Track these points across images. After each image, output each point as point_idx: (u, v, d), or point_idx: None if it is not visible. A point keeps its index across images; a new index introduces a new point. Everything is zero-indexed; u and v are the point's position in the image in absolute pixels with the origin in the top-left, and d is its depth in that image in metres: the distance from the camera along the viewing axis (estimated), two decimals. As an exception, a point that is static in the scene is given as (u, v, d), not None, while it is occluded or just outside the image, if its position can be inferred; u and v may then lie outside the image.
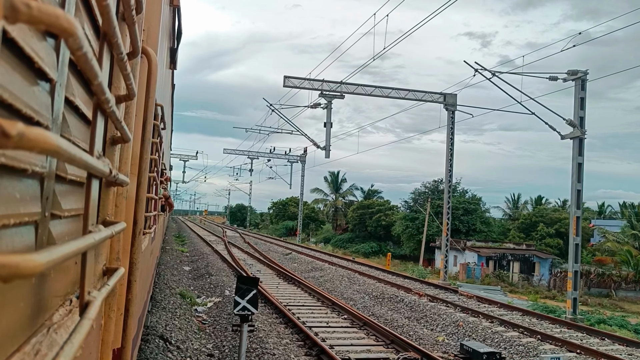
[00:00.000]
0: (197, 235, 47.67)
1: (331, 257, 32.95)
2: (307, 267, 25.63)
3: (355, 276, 22.26)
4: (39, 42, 0.85)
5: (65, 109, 1.08)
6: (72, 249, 0.79)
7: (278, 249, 37.71)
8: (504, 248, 45.84)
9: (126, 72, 1.39)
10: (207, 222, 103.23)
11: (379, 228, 61.00)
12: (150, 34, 2.85)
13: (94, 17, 1.31)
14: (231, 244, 36.47)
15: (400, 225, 56.14)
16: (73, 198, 1.30)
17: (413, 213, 55.13)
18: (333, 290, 18.65)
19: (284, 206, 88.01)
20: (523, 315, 16.59)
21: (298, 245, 44.54)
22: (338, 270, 24.26)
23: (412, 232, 53.86)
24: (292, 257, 31.09)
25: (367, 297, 17.94)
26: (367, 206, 63.95)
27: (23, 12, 0.50)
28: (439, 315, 15.20)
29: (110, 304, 1.80)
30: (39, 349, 0.90)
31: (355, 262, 31.29)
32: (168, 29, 5.23)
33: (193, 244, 35.88)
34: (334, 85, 26.70)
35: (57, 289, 1.14)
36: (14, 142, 0.48)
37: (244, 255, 29.91)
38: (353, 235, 64.68)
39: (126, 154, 1.91)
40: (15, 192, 0.78)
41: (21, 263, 0.51)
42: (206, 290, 17.04)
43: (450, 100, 26.52)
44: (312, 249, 42.24)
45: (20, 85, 0.75)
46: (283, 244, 43.66)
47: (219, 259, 25.98)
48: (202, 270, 21.37)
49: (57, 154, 0.62)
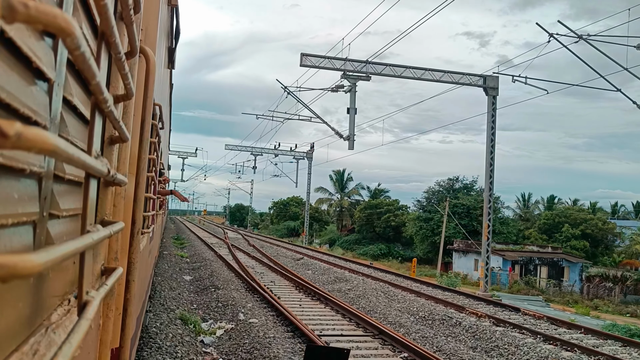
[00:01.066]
0: (197, 237, 43.79)
1: (348, 263, 29.34)
2: (328, 277, 21.69)
3: (391, 290, 18.46)
4: (37, 41, 0.85)
5: (63, 109, 1.08)
6: (70, 248, 0.79)
7: (287, 252, 34.03)
8: (530, 251, 42.64)
9: (124, 72, 1.39)
10: (206, 222, 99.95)
11: (387, 229, 58.29)
12: (148, 34, 2.84)
13: (92, 17, 1.31)
14: (235, 247, 32.82)
15: (413, 226, 53.46)
16: (71, 198, 1.30)
17: (427, 213, 52.15)
18: (373, 311, 14.53)
19: (285, 206, 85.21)
20: (625, 345, 12.78)
21: (306, 248, 41.43)
22: (367, 281, 20.35)
23: (426, 234, 50.91)
24: (305, 262, 27.50)
25: (412, 317, 14.23)
26: (375, 206, 61.03)
27: (21, 11, 0.50)
28: (516, 346, 11.63)
29: (109, 303, 1.80)
30: (38, 348, 0.90)
31: (372, 267, 28.19)
32: (166, 29, 5.22)
33: (193, 248, 32.47)
34: (358, 65, 23.10)
35: (55, 288, 1.14)
36: (12, 142, 0.48)
37: (252, 261, 26.34)
38: (360, 236, 62.03)
39: (124, 153, 1.91)
40: (14, 192, 0.78)
41: (19, 263, 0.51)
42: (213, 310, 13.46)
43: (491, 83, 23.07)
44: (323, 252, 39.07)
45: (18, 85, 0.75)
46: (290, 247, 40.20)
47: (224, 266, 22.59)
48: (205, 281, 18.14)
49: (55, 153, 0.62)
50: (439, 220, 48.07)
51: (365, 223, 60.85)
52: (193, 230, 56.73)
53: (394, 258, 52.71)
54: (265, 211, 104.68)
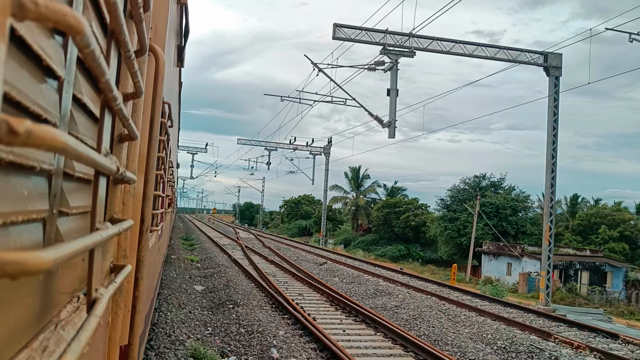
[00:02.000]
0: (208, 238, 40.66)
1: (378, 269, 26.02)
2: (365, 289, 18.06)
3: (449, 308, 15.28)
4: (47, 39, 0.86)
5: (73, 107, 1.09)
6: (79, 246, 0.79)
7: (307, 256, 30.60)
8: (569, 255, 39.16)
9: (133, 70, 1.39)
10: (216, 221, 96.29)
11: (407, 229, 55.05)
12: (157, 32, 2.85)
13: (101, 15, 1.31)
14: (250, 250, 29.91)
15: (437, 226, 50.02)
16: (81, 195, 1.31)
17: (452, 213, 48.36)
18: (441, 341, 11.36)
19: (296, 204, 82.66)
20: None
21: (324, 250, 38.20)
22: (414, 295, 17.07)
23: (451, 235, 47.18)
24: (330, 268, 24.41)
25: (490, 349, 11.08)
26: (394, 205, 57.83)
27: (31, 9, 0.50)
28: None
29: (118, 301, 1.81)
30: (47, 345, 0.91)
31: (403, 273, 25.24)
32: (175, 27, 5.24)
33: (205, 250, 29.17)
34: (400, 39, 20.05)
35: (64, 285, 1.15)
36: (22, 139, 0.48)
37: (271, 266, 23.18)
38: (377, 236, 58.91)
39: (133, 151, 1.91)
40: (24, 189, 0.78)
41: (29, 260, 0.52)
42: (233, 337, 10.32)
43: (553, 62, 20.22)
44: (345, 255, 35.81)
45: (28, 83, 0.75)
46: (308, 249, 36.94)
47: (241, 273, 19.55)
48: (221, 294, 14.91)
49: (64, 151, 0.62)
50: (466, 221, 44.90)
51: (382, 223, 57.92)
52: (203, 230, 53.56)
53: (414, 260, 50.19)
54: (275, 210, 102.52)
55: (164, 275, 15.43)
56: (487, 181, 51.65)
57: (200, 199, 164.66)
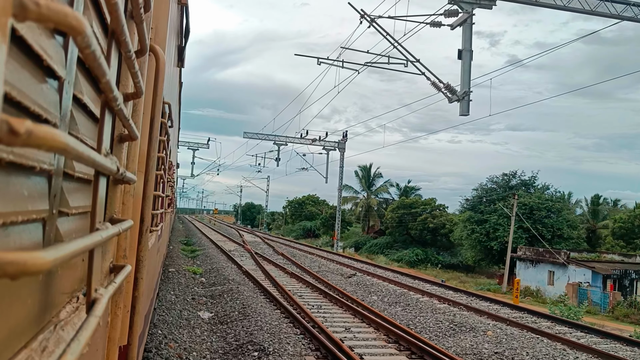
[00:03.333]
0: (211, 242, 35.92)
1: (419, 282, 21.37)
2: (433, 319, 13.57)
3: (562, 350, 11.15)
4: (48, 40, 0.86)
5: (73, 107, 1.09)
6: (79, 246, 0.79)
7: (329, 265, 25.98)
8: (622, 263, 34.48)
9: (134, 70, 1.39)
10: (217, 222, 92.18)
11: (424, 231, 50.79)
12: (158, 32, 2.85)
13: (102, 15, 1.31)
14: (260, 257, 26.16)
15: (462, 229, 45.47)
16: (81, 195, 1.31)
17: (479, 214, 43.85)
18: None
19: (300, 205, 78.30)
20: None
21: (343, 256, 33.52)
22: (509, 332, 12.34)
23: (479, 238, 42.56)
24: (362, 282, 19.97)
25: None
26: (410, 205, 53.64)
27: (32, 10, 0.50)
28: None
29: (117, 301, 1.81)
30: (46, 345, 0.91)
31: (447, 286, 21.02)
32: (176, 27, 5.24)
33: (208, 258, 24.96)
34: None
35: (64, 286, 1.15)
36: (23, 139, 0.48)
37: (292, 281, 18.91)
38: (390, 239, 54.49)
39: (134, 151, 1.91)
40: (24, 189, 0.78)
41: (29, 260, 0.52)
42: None
43: None
44: (371, 263, 30.73)
45: (28, 83, 0.75)
46: (326, 255, 32.41)
47: (258, 292, 15.59)
48: (237, 329, 10.84)
49: (65, 151, 0.62)
50: (497, 223, 41.17)
51: (397, 224, 53.63)
52: (204, 232, 49.33)
53: (432, 265, 46.18)
54: (276, 210, 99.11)
55: (159, 299, 12.14)
56: (517, 179, 46.91)
57: (201, 199, 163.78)
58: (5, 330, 0.72)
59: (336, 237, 43.92)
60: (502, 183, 46.64)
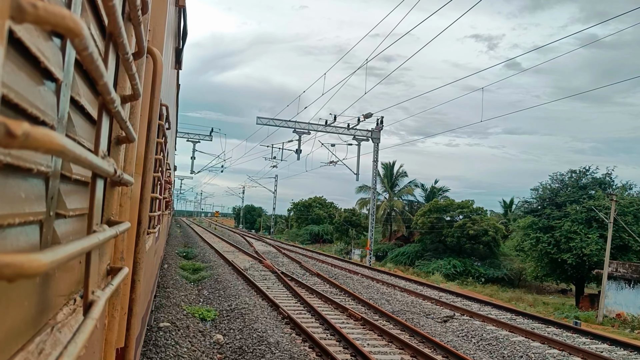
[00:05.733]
0: (216, 253, 28.32)
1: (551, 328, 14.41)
2: None
3: None
4: (45, 42, 0.86)
5: (70, 109, 1.09)
6: (76, 248, 0.79)
7: (395, 294, 18.52)
8: None
9: (131, 72, 1.39)
10: (217, 225, 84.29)
11: (463, 239, 43.13)
12: (156, 35, 2.85)
13: (100, 17, 1.31)
14: (291, 279, 19.43)
15: (521, 237, 38.60)
16: (78, 197, 1.30)
17: (544, 220, 36.22)
18: None
19: (306, 208, 72.19)
20: None
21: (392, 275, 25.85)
22: None
23: (546, 249, 35.00)
24: (467, 329, 13.39)
25: None
26: (443, 209, 46.69)
27: (29, 12, 0.50)
28: None
29: (114, 303, 1.80)
30: (43, 348, 0.91)
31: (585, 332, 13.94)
32: (173, 30, 5.24)
33: (219, 284, 17.32)
34: None
35: (61, 288, 1.15)
36: (20, 141, 0.48)
37: (371, 334, 11.89)
38: (419, 247, 47.31)
39: (131, 153, 1.91)
40: (21, 191, 0.78)
41: (26, 263, 0.51)
42: None
43: None
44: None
45: (26, 85, 0.75)
46: (369, 273, 24.59)
47: None
48: None
49: (62, 153, 0.62)
50: (570, 231, 33.62)
51: (429, 230, 46.22)
52: (206, 239, 41.32)
53: (474, 279, 39.49)
54: (279, 213, 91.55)
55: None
56: (589, 177, 38.31)
57: (199, 201, 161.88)
58: (1, 333, 0.72)
59: (369, 246, 35.57)
60: (570, 182, 38.20)
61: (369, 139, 36.17)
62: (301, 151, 37.79)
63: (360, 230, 57.29)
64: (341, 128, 35.59)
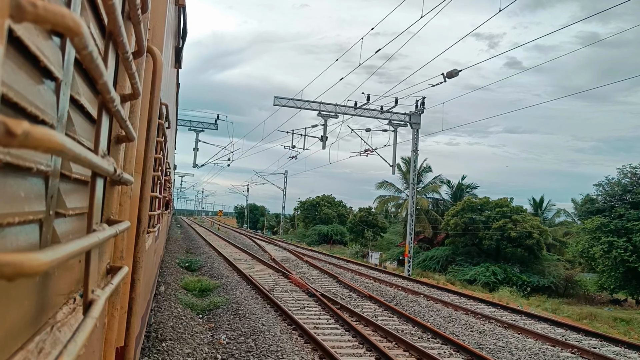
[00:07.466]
0: (227, 263, 23.23)
1: None
2: None
3: None
4: (45, 41, 0.86)
5: (70, 108, 1.09)
6: (76, 247, 0.79)
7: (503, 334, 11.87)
8: None
9: (131, 71, 1.39)
10: (221, 225, 79.11)
11: (503, 243, 37.54)
12: (155, 33, 2.85)
13: (99, 16, 1.31)
14: (337, 305, 13.70)
15: (588, 242, 32.45)
16: (77, 196, 1.30)
17: (617, 221, 30.89)
18: None
19: (314, 206, 66.40)
20: None
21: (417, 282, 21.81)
22: None
23: (622, 256, 29.47)
24: None
25: None
26: (479, 207, 40.53)
27: (29, 11, 0.50)
28: None
29: (114, 302, 1.80)
30: (43, 347, 0.91)
31: None
32: (173, 28, 5.24)
33: (242, 321, 11.20)
34: None
35: (61, 287, 1.15)
36: (19, 141, 0.48)
37: None
38: (449, 250, 41.39)
39: (131, 152, 1.91)
40: (20, 190, 0.78)
41: (25, 262, 0.51)
42: None
43: None
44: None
45: (25, 84, 0.75)
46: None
47: None
48: None
49: (62, 152, 0.62)
50: None
51: (462, 232, 40.27)
52: (211, 242, 36.05)
53: (518, 288, 31.85)
54: (279, 212, 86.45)
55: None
56: None
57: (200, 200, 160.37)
58: (1, 332, 0.72)
59: (407, 252, 28.91)
60: None
61: (407, 124, 30.58)
62: (327, 138, 31.89)
63: (377, 231, 51.76)
64: (374, 111, 30.22)
